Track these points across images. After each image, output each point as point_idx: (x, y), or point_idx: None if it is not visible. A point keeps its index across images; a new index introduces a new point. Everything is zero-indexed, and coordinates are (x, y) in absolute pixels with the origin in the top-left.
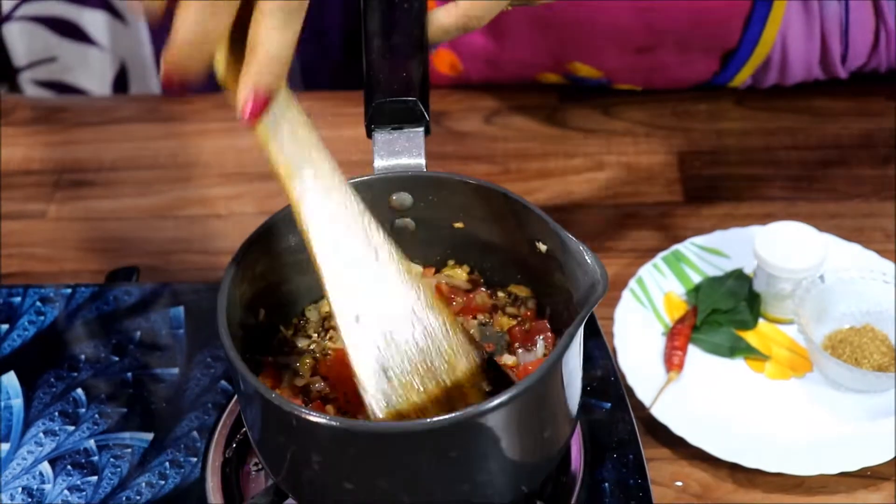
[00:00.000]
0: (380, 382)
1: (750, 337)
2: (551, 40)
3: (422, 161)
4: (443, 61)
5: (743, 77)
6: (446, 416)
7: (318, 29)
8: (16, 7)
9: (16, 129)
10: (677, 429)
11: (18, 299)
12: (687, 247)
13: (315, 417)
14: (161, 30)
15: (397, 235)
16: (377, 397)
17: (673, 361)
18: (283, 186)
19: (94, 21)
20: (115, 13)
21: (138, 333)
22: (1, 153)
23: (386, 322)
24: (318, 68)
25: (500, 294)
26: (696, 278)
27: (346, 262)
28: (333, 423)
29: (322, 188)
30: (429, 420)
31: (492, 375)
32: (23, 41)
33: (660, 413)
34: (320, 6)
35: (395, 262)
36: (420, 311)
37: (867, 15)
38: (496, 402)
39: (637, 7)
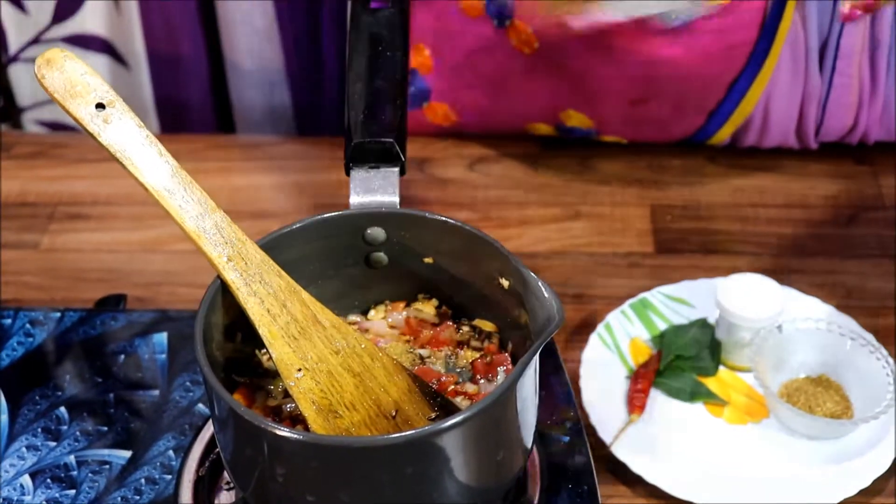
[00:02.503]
0: (328, 419)
1: (710, 383)
2: (548, 87)
3: (396, 199)
4: (436, 113)
5: (724, 134)
6: (404, 433)
7: (314, 76)
8: (22, 49)
9: (15, 163)
10: (636, 467)
11: (9, 321)
12: (654, 295)
13: (280, 431)
14: (161, 75)
15: (371, 268)
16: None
17: (635, 403)
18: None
19: (96, 64)
20: (117, 57)
21: (122, 357)
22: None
23: (322, 364)
24: (313, 114)
25: (465, 328)
26: (662, 325)
27: (280, 328)
28: (297, 436)
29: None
30: (388, 436)
31: (438, 404)
32: (28, 82)
33: (620, 452)
34: (317, 54)
35: (311, 308)
36: (346, 345)
37: (849, 99)
38: (451, 421)
39: (638, 60)
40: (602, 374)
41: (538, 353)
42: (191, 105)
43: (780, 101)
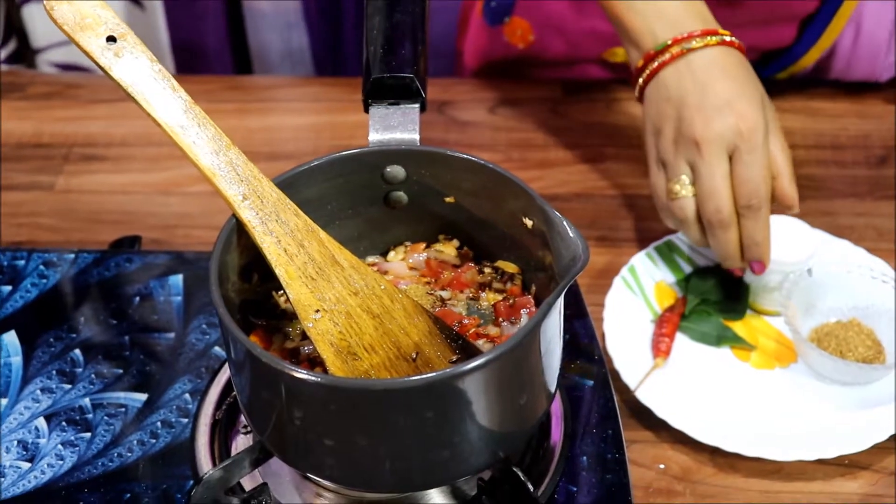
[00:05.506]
0: (347, 361)
1: (737, 327)
2: None
3: (416, 136)
4: (514, 32)
5: (811, 58)
6: (425, 376)
7: (332, 18)
8: None
9: (30, 104)
10: (660, 412)
11: (23, 262)
12: (680, 238)
13: (298, 373)
14: (176, 17)
15: (390, 208)
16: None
17: (660, 348)
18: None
19: (112, 6)
20: None
21: (137, 299)
22: (12, 126)
23: (341, 305)
24: (331, 56)
25: (487, 270)
26: (688, 269)
27: (297, 268)
28: (315, 378)
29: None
30: (408, 379)
31: (459, 347)
32: (42, 23)
33: (644, 397)
34: None
35: (329, 248)
36: (365, 286)
37: None
38: (473, 364)
39: None
40: (626, 318)
41: (563, 294)
42: (207, 47)
43: (871, 24)
